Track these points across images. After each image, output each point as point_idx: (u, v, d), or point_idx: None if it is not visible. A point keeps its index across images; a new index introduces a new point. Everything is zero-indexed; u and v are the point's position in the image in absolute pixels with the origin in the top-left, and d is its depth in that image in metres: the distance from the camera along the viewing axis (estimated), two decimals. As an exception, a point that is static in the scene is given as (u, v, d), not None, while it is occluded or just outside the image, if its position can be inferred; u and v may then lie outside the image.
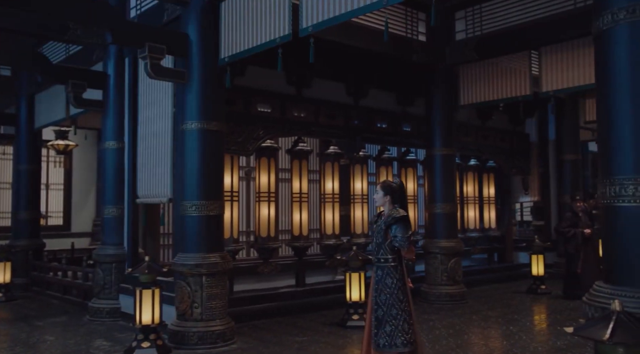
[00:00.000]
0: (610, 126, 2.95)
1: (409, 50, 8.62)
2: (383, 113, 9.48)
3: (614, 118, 2.91)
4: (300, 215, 8.69)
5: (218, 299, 6.22)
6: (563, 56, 7.91)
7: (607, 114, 2.97)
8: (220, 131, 6.44)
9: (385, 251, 4.52)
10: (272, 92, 8.03)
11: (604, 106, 3.01)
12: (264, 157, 8.35)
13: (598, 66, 3.13)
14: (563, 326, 6.87)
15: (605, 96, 3.00)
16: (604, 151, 3.00)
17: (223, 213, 6.49)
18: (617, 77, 2.91)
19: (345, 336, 6.65)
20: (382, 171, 10.00)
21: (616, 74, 2.91)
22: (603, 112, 3.02)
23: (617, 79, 2.90)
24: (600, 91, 3.10)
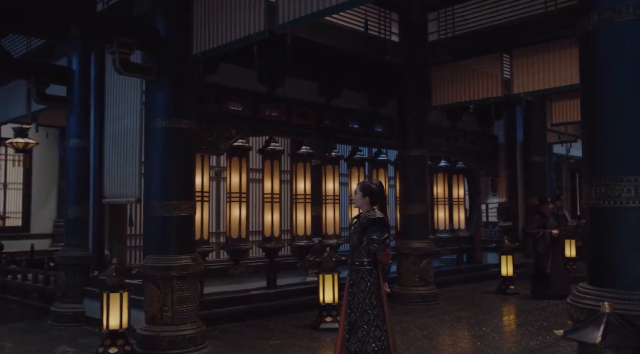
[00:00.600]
0: (596, 127, 2.93)
1: (382, 51, 8.60)
2: (355, 113, 9.42)
3: (600, 118, 2.89)
4: (272, 216, 8.54)
5: (189, 303, 6.03)
6: (534, 59, 8.00)
7: (593, 114, 2.95)
8: (191, 129, 6.25)
9: (361, 253, 4.42)
10: (245, 90, 7.87)
11: (589, 107, 2.99)
12: (235, 157, 8.19)
13: (583, 66, 3.12)
14: (534, 326, 6.93)
15: (590, 96, 2.98)
16: (590, 152, 2.98)
17: (194, 214, 6.31)
18: (603, 77, 2.89)
19: (319, 338, 6.55)
20: (354, 172, 9.94)
21: (602, 74, 2.90)
22: (588, 112, 3.00)
23: (603, 79, 2.89)
24: (585, 91, 3.08)
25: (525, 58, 8.09)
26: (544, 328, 6.89)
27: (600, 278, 2.87)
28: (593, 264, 2.96)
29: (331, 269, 7.10)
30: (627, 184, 2.72)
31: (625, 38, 2.78)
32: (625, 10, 2.77)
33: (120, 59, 5.91)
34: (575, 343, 5.93)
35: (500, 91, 8.33)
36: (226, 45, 5.78)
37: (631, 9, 2.76)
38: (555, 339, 6.25)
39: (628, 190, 2.72)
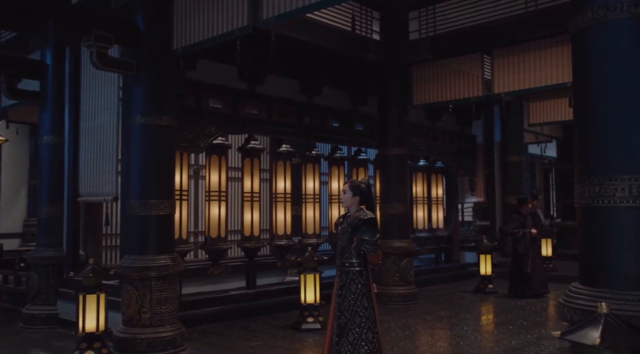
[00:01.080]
0: (589, 125, 2.90)
1: (364, 49, 8.55)
2: (336, 111, 9.35)
3: (593, 117, 2.86)
4: (252, 215, 8.42)
5: (168, 304, 5.88)
6: (515, 58, 8.03)
7: (586, 113, 2.92)
8: (170, 126, 6.09)
9: (350, 254, 4.33)
10: (224, 87, 7.73)
11: (581, 105, 2.96)
12: (215, 155, 8.05)
13: (576, 64, 3.09)
14: (514, 325, 6.95)
15: (583, 94, 2.96)
16: (583, 151, 2.95)
17: (174, 213, 6.16)
18: (596, 75, 2.87)
19: (301, 339, 6.46)
20: (334, 171, 9.89)
21: (595, 72, 2.87)
22: (581, 111, 2.98)
23: (596, 77, 2.87)
24: (578, 89, 3.05)
25: (506, 58, 8.11)
26: (524, 326, 6.91)
27: (593, 278, 2.85)
28: (586, 264, 2.94)
29: (313, 269, 7.01)
30: (622, 184, 2.70)
31: (619, 36, 2.76)
32: (620, 8, 2.75)
33: (98, 53, 5.73)
34: (557, 342, 6.00)
35: (481, 90, 8.34)
36: (208, 40, 5.65)
37: (625, 6, 2.74)
38: (537, 338, 6.28)
39: (622, 189, 2.70)
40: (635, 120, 2.72)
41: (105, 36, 5.74)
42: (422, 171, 11.70)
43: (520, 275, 9.29)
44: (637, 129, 2.71)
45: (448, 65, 8.73)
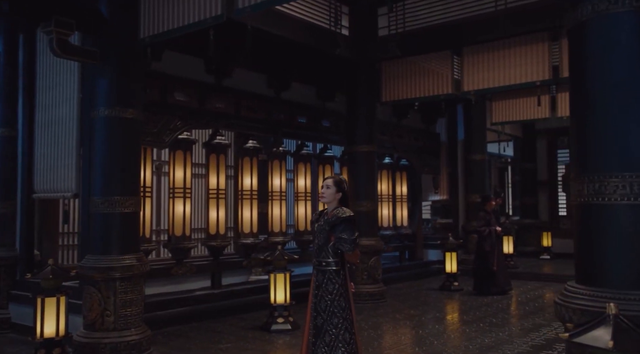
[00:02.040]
0: (588, 121, 2.84)
1: (333, 44, 8.40)
2: (304, 107, 9.19)
3: (593, 112, 2.80)
4: (217, 213, 8.16)
5: (133, 306, 5.58)
6: (484, 57, 8.05)
7: (585, 108, 2.86)
8: (137, 119, 5.77)
9: (328, 253, 4.18)
10: (191, 80, 7.45)
11: (580, 100, 2.90)
12: (179, 151, 7.75)
13: (573, 58, 3.03)
14: (484, 323, 6.96)
15: (581, 89, 2.89)
16: (581, 147, 2.89)
17: (139, 210, 5.85)
18: (595, 69, 2.81)
19: (271, 341, 6.26)
20: (301, 168, 9.71)
21: (595, 66, 2.81)
22: (579, 106, 2.91)
23: (595, 72, 2.80)
24: (576, 84, 2.99)
25: (476, 56, 8.13)
26: (494, 324, 6.92)
27: (591, 277, 2.79)
28: (583, 262, 2.88)
29: (283, 268, 6.82)
30: (622, 181, 2.64)
31: (620, 29, 2.70)
32: (622, 1, 2.70)
33: (58, 40, 5.36)
34: (528, 339, 6.01)
35: (451, 88, 8.34)
36: (178, 29, 5.36)
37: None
38: (509, 336, 6.29)
39: (623, 186, 2.64)
40: (636, 115, 2.67)
41: (66, 22, 5.38)
42: (387, 169, 11.66)
43: (486, 273, 9.36)
44: (639, 125, 2.66)
45: (417, 62, 8.69)
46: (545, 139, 15.09)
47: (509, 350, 5.65)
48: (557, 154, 15.03)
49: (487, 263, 9.31)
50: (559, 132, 14.79)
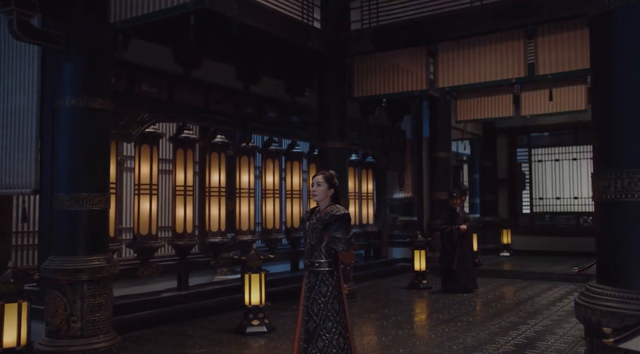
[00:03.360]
0: (616, 116, 2.73)
1: (305, 37, 8.17)
2: (273, 102, 8.92)
3: (622, 107, 2.69)
4: (185, 210, 7.80)
5: (102, 311, 5.20)
6: (459, 54, 7.98)
7: (613, 103, 2.74)
8: (106, 110, 5.37)
9: (321, 253, 3.96)
10: (159, 70, 7.06)
11: (608, 95, 2.78)
12: (146, 145, 7.35)
13: (597, 49, 2.92)
14: (462, 322, 6.89)
15: (607, 82, 2.78)
16: (607, 143, 2.77)
17: (108, 207, 5.46)
18: (624, 61, 2.69)
19: (248, 344, 5.98)
20: (269, 164, 9.43)
21: (624, 58, 2.69)
22: (607, 101, 2.79)
23: (625, 64, 2.68)
24: (600, 77, 2.88)
25: (451, 52, 8.05)
26: (472, 323, 6.86)
27: (619, 278, 2.68)
28: (609, 262, 2.77)
29: (258, 268, 6.55)
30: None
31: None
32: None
33: (19, 21, 4.93)
34: (509, 338, 5.96)
35: (425, 84, 8.23)
36: (153, 14, 5.02)
37: (664, -15, 2.57)
38: (489, 335, 6.23)
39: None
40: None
41: (28, 2, 4.94)
42: (354, 166, 11.51)
43: (448, 271, 9.35)
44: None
45: (391, 58, 8.54)
46: (505, 138, 15.31)
47: (494, 349, 5.57)
48: (517, 153, 15.27)
49: (447, 261, 9.30)
50: (519, 131, 15.06)
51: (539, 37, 7.36)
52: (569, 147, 14.59)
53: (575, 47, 7.07)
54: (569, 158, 14.58)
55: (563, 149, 14.69)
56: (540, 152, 15.03)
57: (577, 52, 7.07)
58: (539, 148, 15.05)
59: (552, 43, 7.24)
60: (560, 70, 7.20)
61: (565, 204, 14.59)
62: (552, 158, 14.83)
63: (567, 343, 5.85)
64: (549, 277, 10.80)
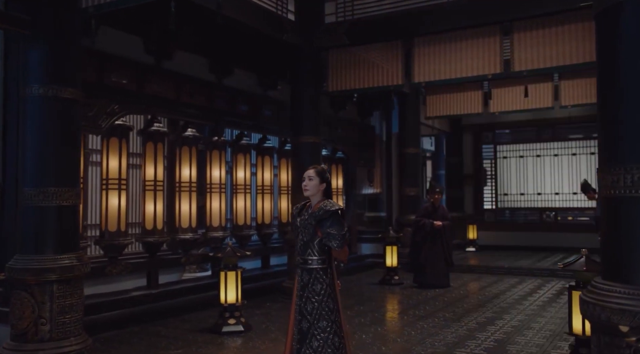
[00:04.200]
0: (626, 109, 2.69)
1: (280, 29, 7.98)
2: (246, 95, 8.71)
3: (632, 99, 2.65)
4: (155, 206, 7.53)
5: (73, 312, 4.93)
6: (435, 49, 7.95)
7: (623, 95, 2.69)
8: (76, 99, 5.09)
9: (314, 250, 3.82)
10: (129, 60, 6.77)
11: (617, 87, 2.73)
12: (115, 138, 7.04)
13: (604, 42, 2.87)
14: (439, 318, 6.87)
15: (619, 75, 2.73)
16: (615, 137, 2.72)
17: (79, 203, 5.18)
18: (634, 53, 2.64)
19: (225, 344, 5.80)
20: (240, 159, 9.23)
21: (634, 49, 2.65)
22: (615, 94, 2.74)
23: (634, 56, 2.64)
24: (607, 70, 2.83)
25: (427, 47, 8.01)
26: (449, 319, 6.85)
27: (627, 274, 2.65)
28: (617, 258, 2.73)
29: (234, 266, 6.36)
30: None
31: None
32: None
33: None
34: (489, 333, 5.96)
35: (401, 79, 8.17)
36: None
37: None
38: (468, 330, 6.22)
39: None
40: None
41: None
42: (324, 161, 11.39)
43: (417, 265, 9.35)
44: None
45: (366, 52, 8.44)
46: (471, 134, 15.48)
47: (475, 346, 5.56)
48: (482, 149, 15.47)
49: (416, 254, 9.30)
50: (485, 127, 15.24)
51: (514, 34, 7.39)
52: (533, 144, 14.86)
53: (550, 44, 7.13)
54: (533, 155, 14.85)
55: (527, 145, 14.95)
56: (505, 149, 15.26)
57: (552, 49, 7.12)
58: (504, 145, 15.28)
59: (527, 40, 7.28)
60: (536, 67, 7.25)
61: (529, 199, 14.87)
62: (517, 155, 15.08)
63: (545, 337, 5.89)
64: (516, 272, 10.95)
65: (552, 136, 14.62)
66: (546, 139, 14.64)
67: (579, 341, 4.61)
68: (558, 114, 13.31)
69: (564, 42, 7.04)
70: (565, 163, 14.44)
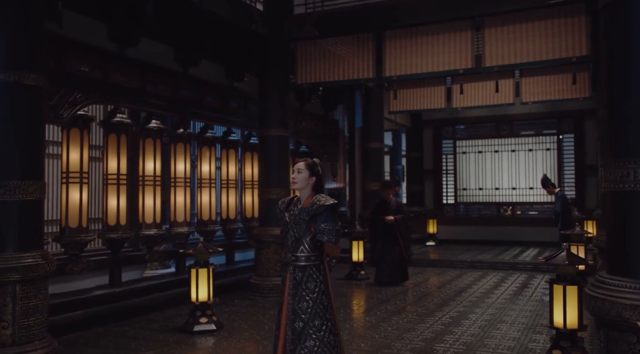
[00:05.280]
0: (632, 101, 2.66)
1: (249, 19, 7.79)
2: (212, 86, 8.44)
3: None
4: (118, 201, 7.20)
5: (38, 314, 4.60)
6: (407, 42, 7.91)
7: (632, 88, 2.66)
8: (40, 86, 4.75)
9: (307, 247, 3.67)
10: (93, 46, 6.41)
11: (626, 80, 2.70)
12: (75, 129, 6.66)
13: (611, 35, 2.83)
14: (412, 313, 6.86)
15: (629, 68, 2.70)
16: (625, 131, 2.70)
17: (43, 198, 4.84)
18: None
19: (197, 344, 5.58)
20: (205, 152, 8.96)
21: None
22: (625, 87, 2.71)
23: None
24: (619, 63, 2.79)
25: (398, 41, 7.96)
26: (422, 314, 6.83)
27: (637, 270, 2.63)
28: (625, 253, 2.71)
29: (205, 263, 6.13)
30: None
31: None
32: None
33: None
34: (464, 328, 5.96)
35: (372, 72, 8.09)
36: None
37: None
38: (443, 325, 6.22)
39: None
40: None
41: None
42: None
43: (372, 262, 9.31)
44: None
45: (336, 44, 8.33)
46: (431, 129, 15.62)
47: (454, 341, 5.54)
48: (442, 144, 15.63)
49: (372, 251, 9.27)
50: (445, 122, 15.41)
51: (485, 29, 7.43)
52: (492, 139, 15.12)
53: (521, 40, 7.19)
54: (491, 150, 15.12)
55: (486, 141, 15.21)
56: (464, 144, 15.48)
57: (523, 44, 7.19)
58: (464, 140, 15.48)
59: (499, 35, 7.33)
60: (507, 63, 7.30)
61: (488, 194, 15.13)
62: (476, 150, 15.31)
63: (520, 330, 5.94)
64: (478, 265, 11.10)
65: (510, 132, 14.91)
66: (504, 135, 14.93)
67: (560, 334, 4.63)
68: (516, 110, 13.59)
69: (535, 38, 7.12)
70: (522, 159, 14.77)
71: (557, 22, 6.97)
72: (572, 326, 4.60)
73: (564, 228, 9.41)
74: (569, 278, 4.67)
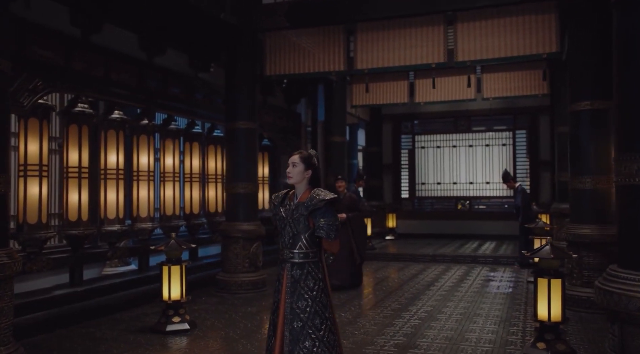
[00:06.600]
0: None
1: (218, 7, 7.52)
2: (177, 76, 8.13)
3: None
4: (80, 195, 6.82)
5: (2, 317, 4.27)
6: (379, 35, 7.85)
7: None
8: (5, 71, 4.40)
9: (305, 243, 3.52)
10: (54, 31, 6.02)
11: (634, 70, 2.69)
12: (34, 119, 6.23)
13: (623, 29, 2.82)
14: (386, 309, 6.81)
15: (636, 58, 2.70)
16: (634, 122, 2.69)
17: (9, 191, 4.49)
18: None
19: (171, 344, 5.34)
20: (168, 145, 8.61)
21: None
22: (631, 76, 2.71)
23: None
24: (628, 56, 2.78)
25: (370, 34, 7.89)
26: (396, 309, 6.81)
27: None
28: (636, 247, 2.71)
29: (178, 260, 5.88)
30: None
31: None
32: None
33: None
34: (441, 322, 5.94)
35: (343, 65, 7.99)
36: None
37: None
38: (421, 319, 6.20)
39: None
40: None
41: None
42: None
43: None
44: None
45: (307, 35, 8.18)
46: (391, 124, 15.68)
47: (434, 335, 5.53)
48: (401, 139, 15.73)
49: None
50: (404, 117, 15.51)
51: (458, 24, 7.45)
52: (450, 134, 15.33)
53: (493, 36, 7.25)
54: (449, 145, 15.33)
55: (444, 136, 15.40)
56: (423, 139, 15.63)
57: (494, 40, 7.25)
58: (422, 135, 15.63)
59: (471, 30, 7.37)
60: (479, 58, 7.36)
61: (446, 189, 15.35)
62: (434, 145, 15.49)
63: (496, 323, 5.99)
64: (440, 259, 11.22)
65: (467, 127, 15.15)
66: (462, 130, 15.16)
67: (544, 327, 4.67)
68: (475, 106, 13.81)
69: (506, 34, 7.19)
70: (479, 154, 15.04)
71: (529, 18, 7.07)
72: (556, 319, 4.64)
73: (525, 222, 9.63)
74: (552, 272, 4.71)
